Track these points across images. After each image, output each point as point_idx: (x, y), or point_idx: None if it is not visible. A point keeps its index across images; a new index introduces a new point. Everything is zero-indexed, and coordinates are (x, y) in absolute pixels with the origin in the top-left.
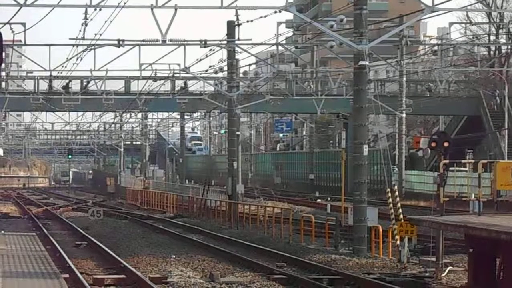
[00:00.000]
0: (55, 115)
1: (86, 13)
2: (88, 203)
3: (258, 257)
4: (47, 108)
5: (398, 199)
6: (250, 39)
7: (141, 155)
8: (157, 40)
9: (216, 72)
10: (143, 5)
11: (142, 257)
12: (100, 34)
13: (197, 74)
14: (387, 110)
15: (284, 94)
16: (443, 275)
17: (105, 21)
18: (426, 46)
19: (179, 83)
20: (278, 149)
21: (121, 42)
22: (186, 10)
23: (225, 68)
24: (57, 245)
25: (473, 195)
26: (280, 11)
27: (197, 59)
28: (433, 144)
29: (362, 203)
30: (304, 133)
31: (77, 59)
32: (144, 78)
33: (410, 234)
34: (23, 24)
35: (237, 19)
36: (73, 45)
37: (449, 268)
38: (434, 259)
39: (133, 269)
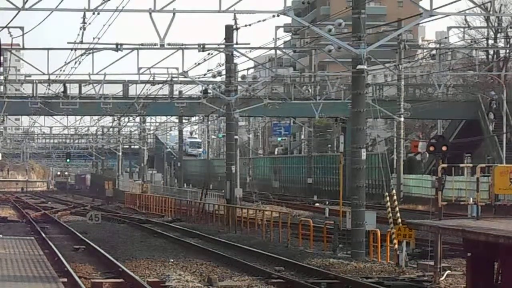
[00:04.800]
0: (53, 119)
1: (84, 17)
2: (86, 207)
3: (256, 261)
4: (45, 112)
5: (396, 203)
6: (248, 43)
7: (139, 159)
8: (155, 44)
9: (214, 76)
10: (141, 9)
11: (140, 261)
12: (99, 38)
13: (195, 78)
14: (385, 114)
15: (282, 98)
16: (441, 279)
17: (103, 25)
18: (425, 50)
19: (177, 87)
20: (276, 153)
21: (119, 46)
22: (184, 14)
23: (223, 72)
24: (55, 249)
25: (471, 199)
26: (278, 15)
27: (195, 63)
28: (431, 148)
29: (360, 207)
30: (302, 137)
31: (75, 63)
32: (142, 82)
33: (408, 238)
34: (22, 28)
35: (236, 23)
36: (71, 49)
37: (447, 272)
38: (432, 263)
39: (131, 273)
